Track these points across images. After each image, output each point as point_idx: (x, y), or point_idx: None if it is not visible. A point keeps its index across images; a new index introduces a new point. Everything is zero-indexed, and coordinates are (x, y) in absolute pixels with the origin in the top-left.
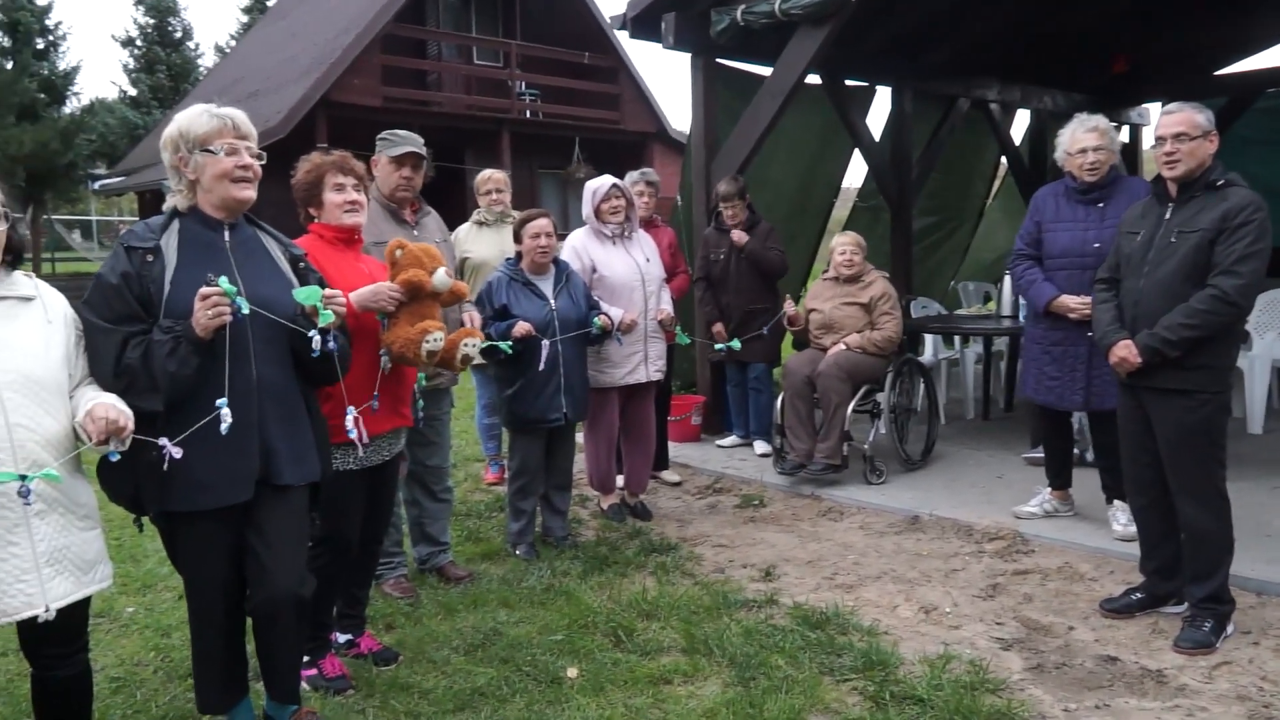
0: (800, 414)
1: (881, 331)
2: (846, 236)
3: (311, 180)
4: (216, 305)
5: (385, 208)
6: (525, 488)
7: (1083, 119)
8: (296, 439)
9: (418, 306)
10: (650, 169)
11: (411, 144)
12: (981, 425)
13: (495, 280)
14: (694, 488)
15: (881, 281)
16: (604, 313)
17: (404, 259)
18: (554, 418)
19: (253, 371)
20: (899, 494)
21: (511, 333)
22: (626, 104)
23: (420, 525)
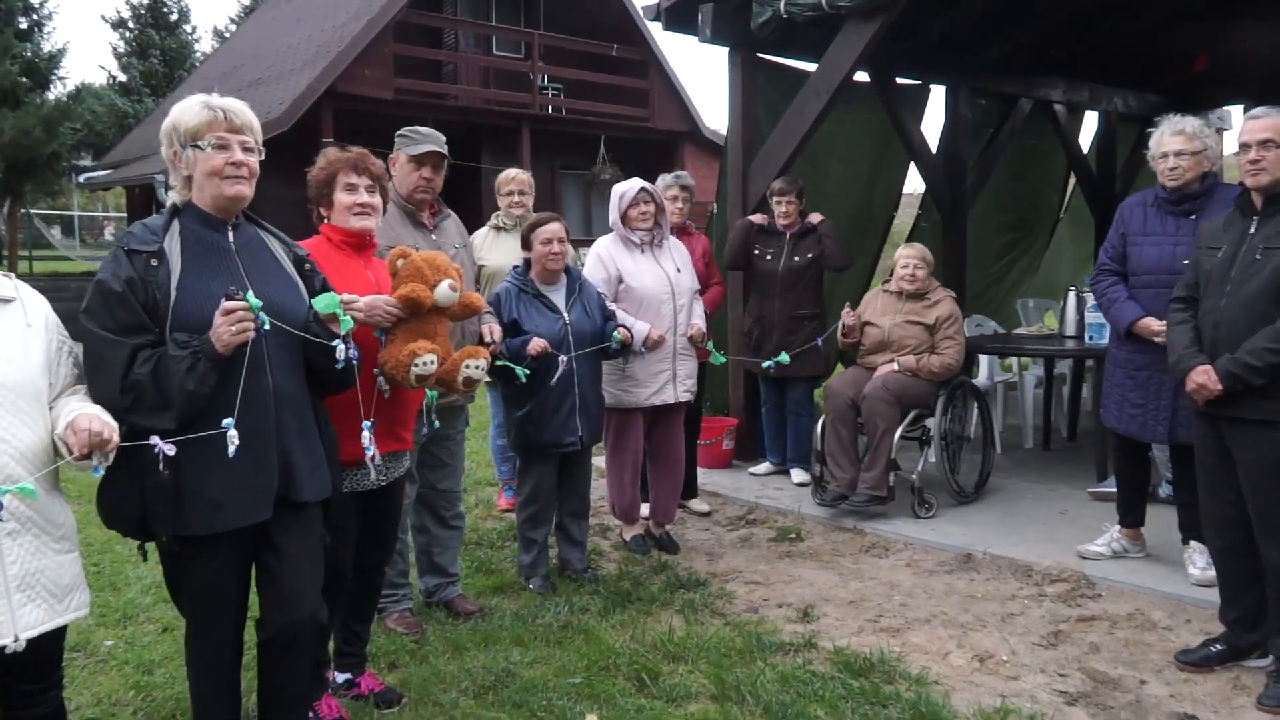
0: (843, 440)
1: (941, 357)
2: (913, 249)
3: (324, 178)
4: (242, 321)
5: (402, 209)
6: (536, 516)
7: (1172, 121)
8: (312, 451)
9: (419, 324)
10: (684, 172)
11: (434, 142)
12: (1042, 456)
13: (503, 292)
14: (725, 518)
15: (949, 302)
16: (621, 325)
17: (404, 270)
18: (569, 442)
19: (269, 380)
20: (950, 529)
21: (527, 350)
22: (657, 100)
23: (428, 554)
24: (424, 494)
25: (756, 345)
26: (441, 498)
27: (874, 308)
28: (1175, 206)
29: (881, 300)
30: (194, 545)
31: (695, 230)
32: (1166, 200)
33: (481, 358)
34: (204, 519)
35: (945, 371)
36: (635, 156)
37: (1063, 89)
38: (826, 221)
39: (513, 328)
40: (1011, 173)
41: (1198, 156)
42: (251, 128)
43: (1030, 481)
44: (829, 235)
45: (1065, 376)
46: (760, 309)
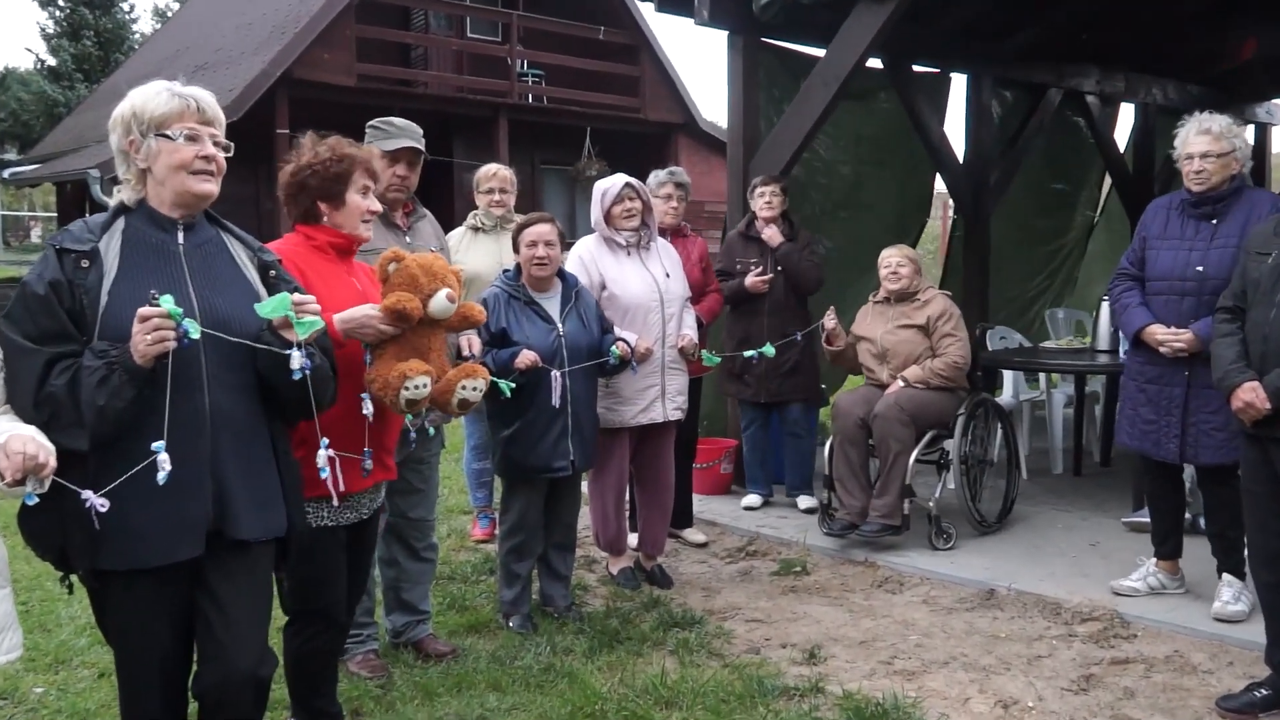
0: (852, 464)
1: (945, 358)
2: (894, 249)
3: (339, 173)
4: (158, 329)
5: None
6: (521, 548)
7: (1200, 119)
8: (259, 484)
9: (412, 337)
10: (679, 168)
11: (410, 137)
12: (1072, 481)
13: (491, 297)
14: (723, 550)
15: (940, 298)
16: (621, 338)
17: (396, 277)
18: (559, 466)
19: (205, 400)
20: (971, 562)
21: (515, 364)
22: (648, 89)
23: (396, 590)
24: (394, 523)
25: (741, 369)
26: (413, 527)
27: (864, 322)
28: (1195, 209)
29: (871, 312)
30: (113, 581)
31: (691, 232)
32: (1189, 203)
33: (480, 378)
34: (122, 552)
35: (953, 372)
36: (624, 151)
37: (1096, 78)
38: (796, 244)
39: (500, 338)
40: (1040, 171)
41: (1225, 158)
42: (220, 121)
43: (1059, 510)
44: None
45: (1098, 395)
46: (745, 329)
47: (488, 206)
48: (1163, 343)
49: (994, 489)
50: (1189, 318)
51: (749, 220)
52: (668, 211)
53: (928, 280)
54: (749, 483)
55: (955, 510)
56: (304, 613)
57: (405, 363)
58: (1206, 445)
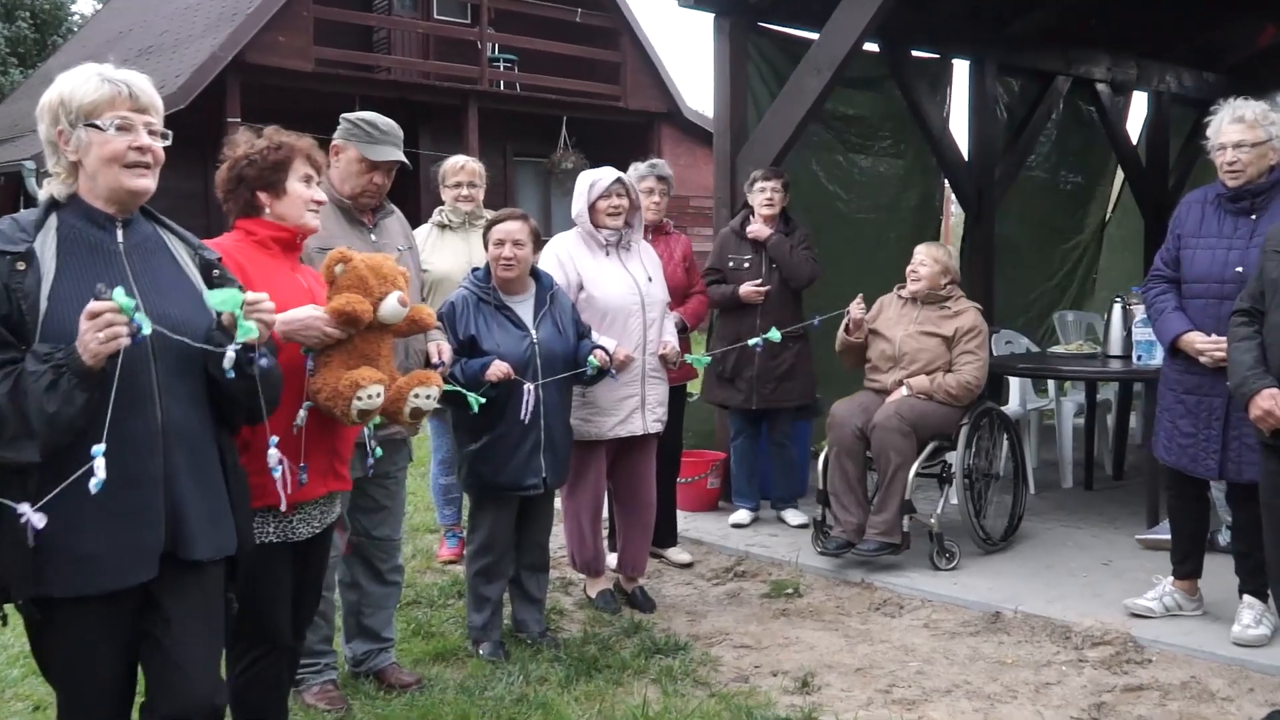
0: (849, 477)
1: (958, 375)
2: (930, 247)
3: (278, 161)
4: (110, 325)
5: (338, 204)
6: (490, 569)
7: (1233, 106)
8: (212, 500)
9: (359, 343)
10: (661, 161)
11: (396, 146)
12: (1083, 496)
13: (459, 300)
14: (710, 570)
15: (973, 313)
16: (599, 345)
17: (344, 278)
18: (530, 484)
19: (157, 412)
20: (975, 583)
21: (486, 375)
22: (629, 75)
23: (358, 615)
24: (356, 543)
25: (731, 376)
26: (377, 547)
27: (885, 316)
28: (1233, 204)
29: (894, 308)
30: (58, 610)
31: (675, 230)
32: (1225, 198)
33: (433, 385)
34: (70, 579)
35: (963, 392)
36: (603, 142)
37: (1107, 65)
38: (804, 229)
39: (469, 346)
40: (1052, 164)
41: (1261, 148)
42: (156, 107)
43: (1070, 527)
44: (778, 249)
45: (1110, 403)
46: (736, 330)
47: (455, 202)
48: (1203, 352)
49: (1000, 504)
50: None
51: (745, 216)
52: (649, 207)
53: (959, 289)
54: (737, 497)
55: (958, 527)
56: (245, 638)
57: (356, 371)
58: (1250, 460)
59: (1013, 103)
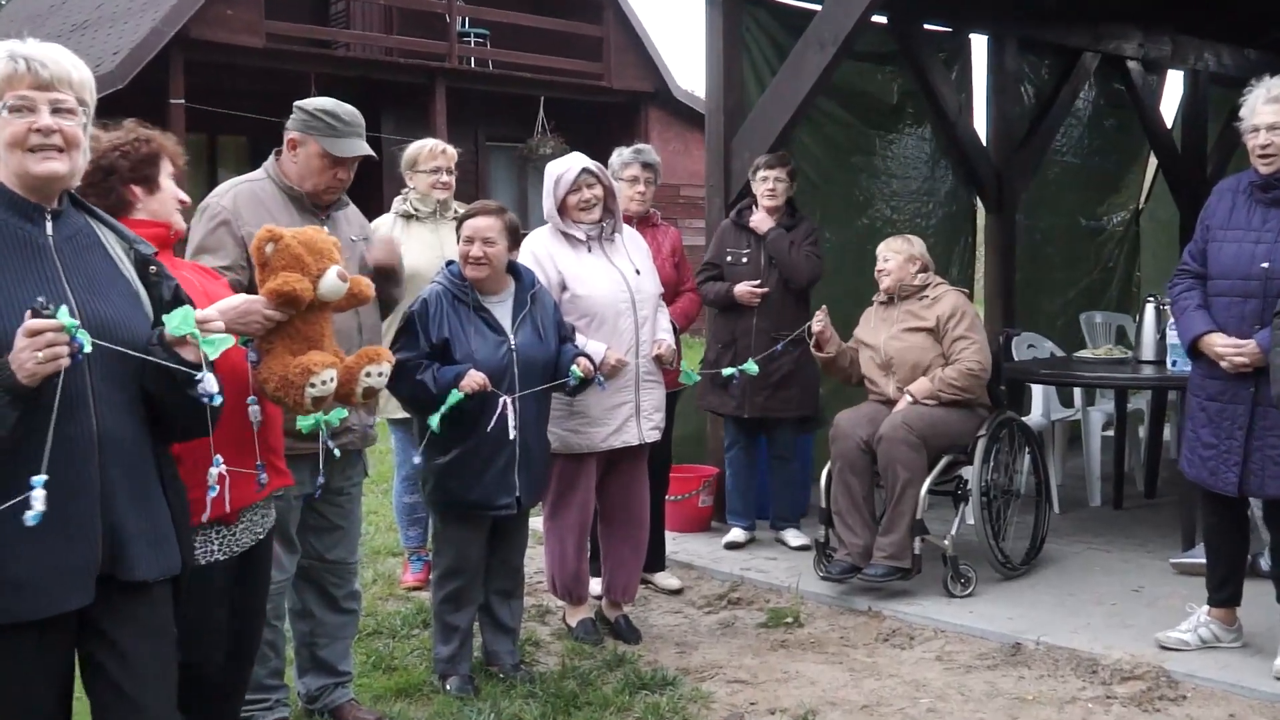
0: (854, 495)
1: (957, 364)
2: (888, 241)
3: (151, 154)
4: (51, 345)
5: (287, 193)
6: (458, 595)
7: (1269, 84)
8: (153, 516)
9: (301, 326)
10: (648, 146)
11: (360, 135)
12: (1112, 516)
13: (433, 298)
14: (701, 597)
15: (951, 295)
16: (583, 352)
17: (276, 258)
18: (503, 504)
19: (91, 423)
20: (993, 612)
21: (460, 386)
22: (613, 52)
23: (311, 647)
24: (308, 566)
25: (724, 380)
26: (331, 572)
27: (866, 326)
28: (1265, 193)
29: (874, 315)
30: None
31: (663, 221)
32: (1257, 185)
33: (384, 361)
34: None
35: (969, 382)
36: (585, 125)
37: (1138, 42)
38: (795, 234)
39: (442, 351)
40: (1075, 149)
41: None
42: (69, 81)
43: (1097, 550)
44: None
45: (1143, 414)
46: (730, 329)
47: (430, 189)
48: (1220, 355)
49: (1021, 525)
50: (1253, 322)
51: (746, 206)
52: (634, 197)
53: (933, 275)
54: (731, 515)
55: (975, 550)
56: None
57: (304, 356)
58: (1274, 474)
59: (1036, 82)
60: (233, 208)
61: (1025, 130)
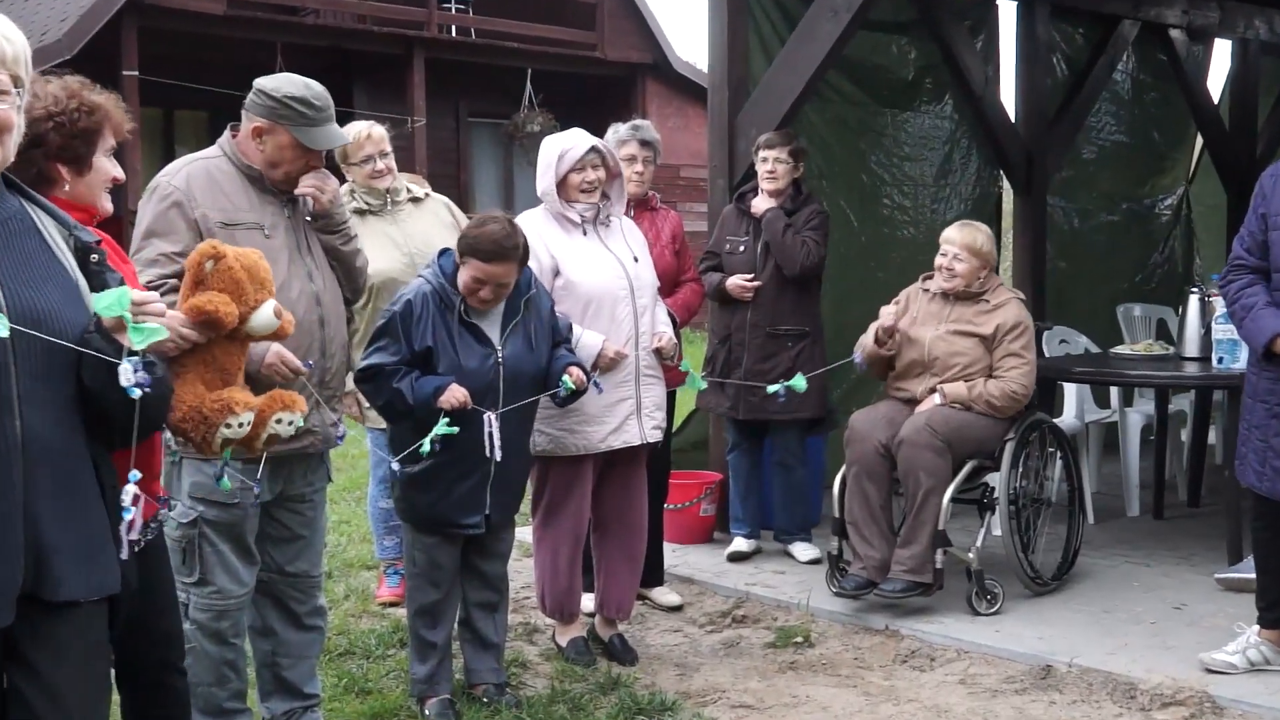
0: (871, 503)
1: (1002, 383)
2: (959, 231)
3: (90, 128)
4: None
5: (245, 173)
6: (434, 608)
7: None
8: (85, 529)
9: (218, 354)
10: (645, 122)
11: (333, 119)
12: (1151, 526)
13: (417, 297)
14: (703, 615)
15: (1016, 305)
16: (576, 361)
17: (215, 278)
18: (469, 523)
19: (14, 424)
20: (1022, 631)
21: (439, 402)
22: (607, 20)
23: (274, 668)
24: (268, 580)
25: (723, 373)
26: (293, 586)
27: (910, 315)
28: None
29: (921, 304)
30: None
31: (662, 205)
32: None
33: (297, 410)
34: None
35: (1008, 403)
36: (576, 99)
37: (1182, 8)
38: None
39: (424, 358)
40: (1112, 127)
41: None
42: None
43: (1135, 563)
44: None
45: (1185, 415)
46: (725, 324)
47: (367, 180)
48: None
49: (1052, 536)
50: None
51: (744, 191)
52: (630, 178)
53: (998, 278)
54: (734, 525)
55: (1002, 564)
56: None
57: (225, 391)
58: None
59: (1069, 53)
60: (185, 188)
61: (1058, 105)
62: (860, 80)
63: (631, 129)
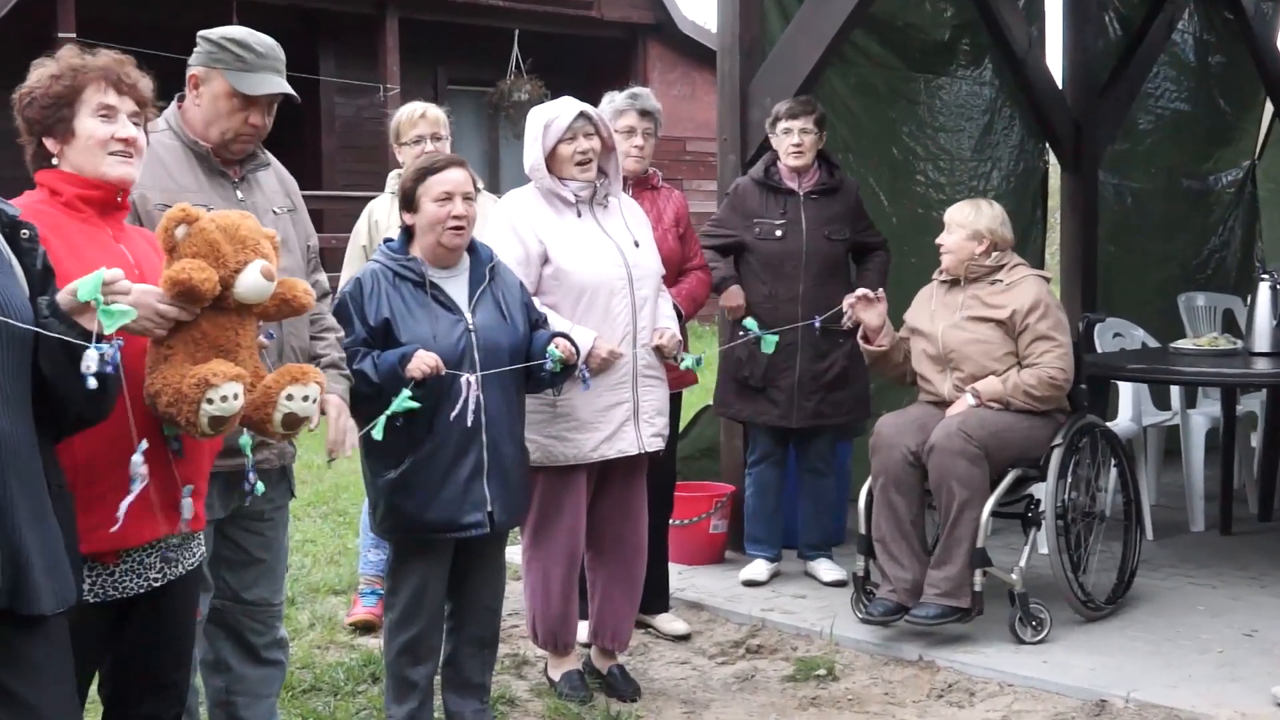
0: (901, 517)
1: (1036, 369)
2: (958, 207)
3: (61, 94)
4: None
5: (192, 148)
6: (417, 645)
7: None
8: (48, 534)
9: (210, 329)
10: (645, 90)
11: (275, 72)
12: (1218, 543)
13: (368, 277)
14: (713, 644)
15: (1033, 282)
16: (561, 334)
17: (189, 245)
18: (471, 522)
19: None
20: (1073, 662)
21: (407, 370)
22: None
23: (228, 706)
24: (223, 608)
25: (762, 384)
26: (251, 615)
27: (922, 309)
28: None
29: (935, 296)
30: None
31: (665, 183)
32: None
33: (310, 382)
34: None
35: (1048, 390)
36: (569, 65)
37: None
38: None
39: (383, 332)
40: (1171, 94)
41: None
42: None
43: (1200, 585)
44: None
45: (1256, 418)
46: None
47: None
48: None
49: (1105, 555)
50: None
51: (768, 163)
52: (629, 152)
53: (1013, 255)
54: (751, 544)
55: (1049, 585)
56: None
57: (204, 365)
58: None
59: (1124, 10)
60: None
61: (1110, 70)
62: (889, 42)
63: (630, 98)
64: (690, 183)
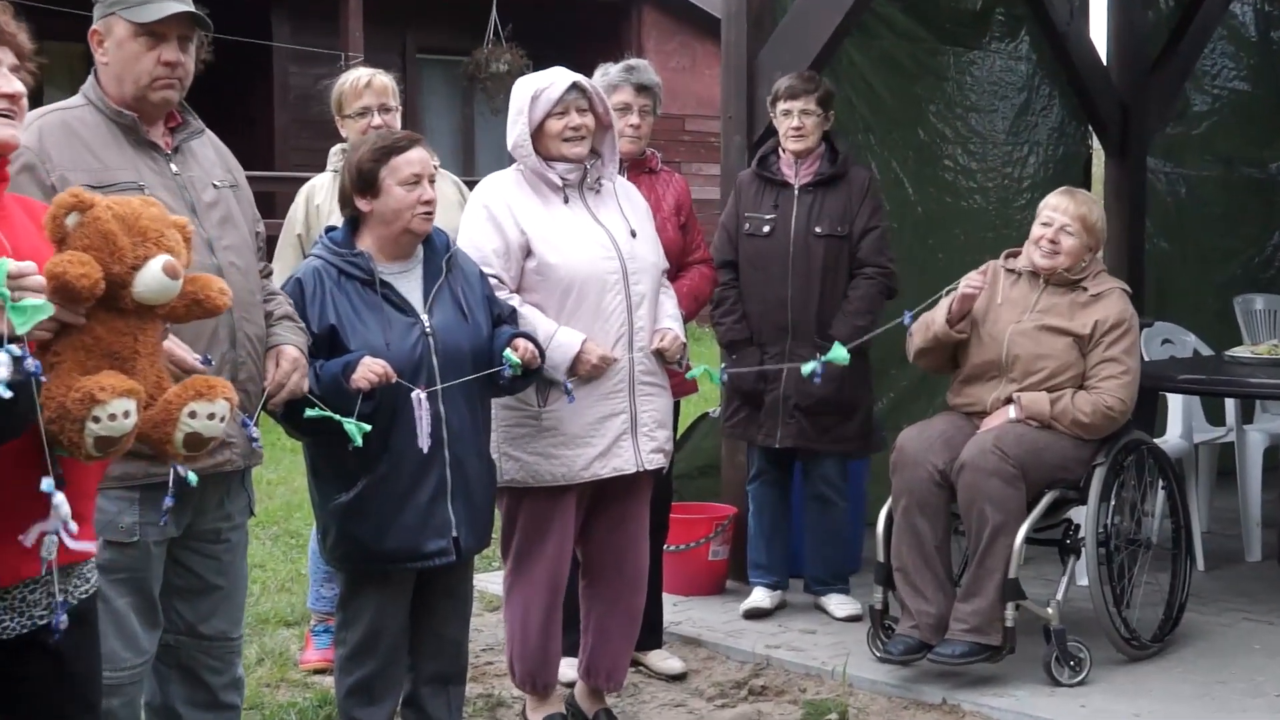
0: (924, 544)
1: (1095, 396)
2: (1067, 198)
3: None
4: None
5: (115, 119)
6: (371, 684)
7: None
8: None
9: (103, 334)
10: (641, 62)
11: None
12: (1276, 575)
13: (309, 276)
14: (712, 685)
15: (1119, 298)
16: (521, 333)
17: (80, 236)
18: (434, 549)
19: None
20: (1115, 706)
21: (351, 381)
22: None
23: None
24: (175, 645)
25: (755, 395)
26: (207, 652)
27: (987, 300)
28: None
29: (1002, 287)
30: None
31: (664, 166)
32: None
33: (219, 398)
34: None
35: (1101, 422)
36: (554, 32)
37: None
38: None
39: (329, 340)
40: (1228, 73)
41: None
42: None
43: (1256, 620)
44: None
45: None
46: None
47: (362, 136)
48: None
49: (1152, 587)
50: None
51: (766, 152)
52: (624, 132)
53: (1100, 263)
54: (754, 573)
55: (1089, 621)
56: None
57: (93, 377)
58: None
59: None
60: (38, 146)
61: (1161, 45)
62: (916, 10)
63: (625, 71)
64: (689, 165)
